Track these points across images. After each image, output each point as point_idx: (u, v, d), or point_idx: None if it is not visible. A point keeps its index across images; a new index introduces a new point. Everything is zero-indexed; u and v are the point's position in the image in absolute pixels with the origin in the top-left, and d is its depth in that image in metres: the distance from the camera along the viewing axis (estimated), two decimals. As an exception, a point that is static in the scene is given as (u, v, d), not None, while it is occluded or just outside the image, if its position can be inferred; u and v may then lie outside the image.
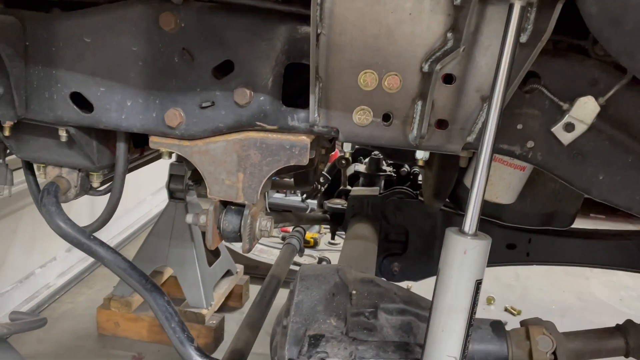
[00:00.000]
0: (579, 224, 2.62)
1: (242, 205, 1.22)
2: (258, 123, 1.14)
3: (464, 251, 0.96)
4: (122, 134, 1.27)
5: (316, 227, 4.93)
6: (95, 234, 1.28)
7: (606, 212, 5.58)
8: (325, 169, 3.22)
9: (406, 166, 3.07)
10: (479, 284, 0.98)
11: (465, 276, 0.97)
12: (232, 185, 1.19)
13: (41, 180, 1.41)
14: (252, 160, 1.17)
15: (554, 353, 1.37)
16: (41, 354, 2.87)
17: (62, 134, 1.20)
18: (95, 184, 1.34)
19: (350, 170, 3.19)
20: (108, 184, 1.40)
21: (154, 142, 1.19)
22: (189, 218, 1.24)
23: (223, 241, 1.69)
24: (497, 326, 1.42)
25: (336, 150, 3.88)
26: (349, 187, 3.06)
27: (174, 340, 1.16)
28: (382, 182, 3.03)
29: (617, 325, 1.46)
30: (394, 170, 3.07)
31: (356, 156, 3.28)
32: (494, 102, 0.93)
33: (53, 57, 1.14)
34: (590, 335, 1.43)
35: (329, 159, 3.42)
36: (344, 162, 3.06)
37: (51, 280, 3.40)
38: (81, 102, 1.18)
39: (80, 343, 2.98)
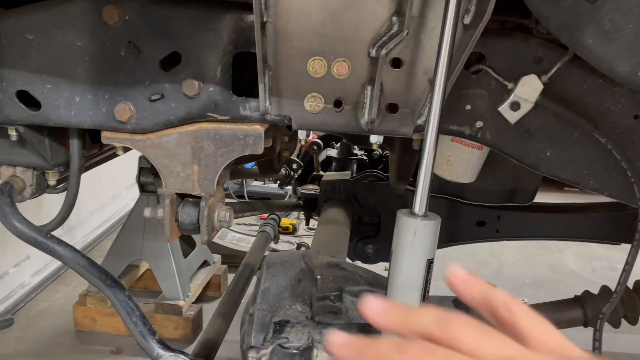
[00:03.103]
0: (553, 198, 2.66)
1: (200, 197, 1.22)
2: (209, 114, 1.14)
3: (414, 232, 0.98)
4: (75, 131, 1.26)
5: (295, 213, 4.94)
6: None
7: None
8: (299, 156, 3.23)
9: (378, 149, 3.08)
10: (430, 263, 1.00)
11: (416, 256, 0.99)
12: (188, 177, 1.19)
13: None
14: (206, 152, 1.16)
15: (514, 326, 1.40)
16: (19, 353, 2.85)
17: (12, 133, 1.18)
18: (51, 182, 1.33)
19: (323, 155, 3.20)
20: (66, 182, 1.39)
21: (106, 137, 1.18)
22: (147, 212, 1.24)
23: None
24: (459, 302, 1.45)
25: (312, 135, 3.87)
26: (321, 173, 3.06)
27: (135, 334, 1.17)
28: (355, 166, 3.04)
29: (575, 296, 1.51)
30: (366, 153, 3.09)
31: (328, 141, 3.29)
32: (437, 84, 0.94)
33: (-4, 56, 1.12)
34: (548, 307, 1.47)
35: (301, 146, 3.42)
36: (315, 147, 3.07)
37: (26, 279, 3.37)
38: (29, 100, 1.16)
39: (58, 340, 2.97)
